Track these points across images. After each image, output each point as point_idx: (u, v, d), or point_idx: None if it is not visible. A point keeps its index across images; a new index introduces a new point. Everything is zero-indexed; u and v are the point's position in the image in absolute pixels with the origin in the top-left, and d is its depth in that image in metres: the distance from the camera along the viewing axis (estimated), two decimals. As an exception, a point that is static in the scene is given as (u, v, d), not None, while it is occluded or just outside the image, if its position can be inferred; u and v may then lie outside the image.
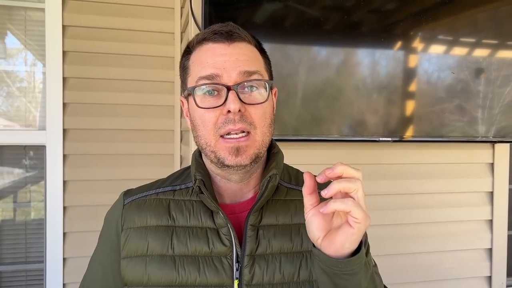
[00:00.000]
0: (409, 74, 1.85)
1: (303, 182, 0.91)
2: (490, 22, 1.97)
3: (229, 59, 0.79)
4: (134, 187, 0.93)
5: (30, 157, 2.23)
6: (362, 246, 0.70)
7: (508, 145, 2.14)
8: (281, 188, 0.89)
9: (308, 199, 0.71)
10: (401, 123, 1.86)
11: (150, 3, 2.19)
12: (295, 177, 0.93)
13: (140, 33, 2.19)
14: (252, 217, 0.81)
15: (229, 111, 0.77)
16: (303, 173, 0.95)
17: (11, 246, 2.21)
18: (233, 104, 0.76)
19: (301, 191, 0.88)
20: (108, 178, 2.15)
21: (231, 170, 0.82)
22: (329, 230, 0.69)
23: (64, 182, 2.11)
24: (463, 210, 2.10)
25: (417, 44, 1.85)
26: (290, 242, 0.83)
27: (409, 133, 1.86)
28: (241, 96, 0.78)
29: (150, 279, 0.80)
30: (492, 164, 2.13)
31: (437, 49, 1.88)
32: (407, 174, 2.03)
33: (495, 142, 2.03)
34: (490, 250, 2.14)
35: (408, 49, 1.85)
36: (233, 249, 0.81)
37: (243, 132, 0.78)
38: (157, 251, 0.82)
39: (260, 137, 0.80)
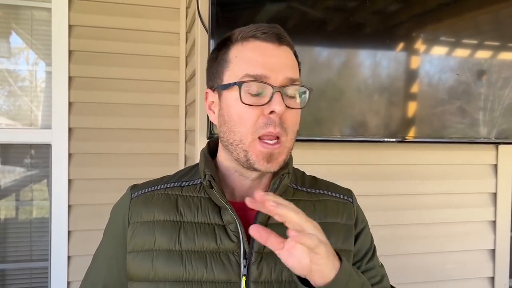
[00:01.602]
0: (413, 75, 1.86)
1: (308, 184, 0.94)
2: (493, 24, 1.97)
3: (278, 61, 0.80)
4: (140, 182, 0.93)
5: (36, 155, 2.24)
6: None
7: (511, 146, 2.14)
8: (288, 188, 0.90)
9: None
10: (404, 124, 1.86)
11: (155, 3, 2.20)
12: (301, 178, 0.95)
13: (145, 33, 2.20)
14: (261, 214, 0.82)
15: (272, 112, 0.77)
16: (308, 175, 0.98)
17: (16, 244, 2.22)
18: (278, 105, 0.77)
19: (307, 192, 0.92)
20: (113, 177, 2.17)
21: (255, 172, 0.83)
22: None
23: (69, 181, 2.13)
24: (466, 211, 2.10)
25: (422, 45, 1.85)
26: None
27: (412, 134, 1.86)
28: (284, 99, 0.78)
29: (156, 274, 0.80)
30: (495, 166, 2.13)
31: (441, 50, 1.88)
32: (410, 174, 2.03)
33: (499, 143, 2.03)
34: (493, 251, 2.14)
35: (413, 50, 1.85)
36: (240, 245, 0.81)
37: (277, 138, 0.79)
38: (164, 246, 0.81)
39: (290, 144, 0.82)
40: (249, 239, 0.81)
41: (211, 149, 0.92)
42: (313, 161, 1.88)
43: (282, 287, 0.81)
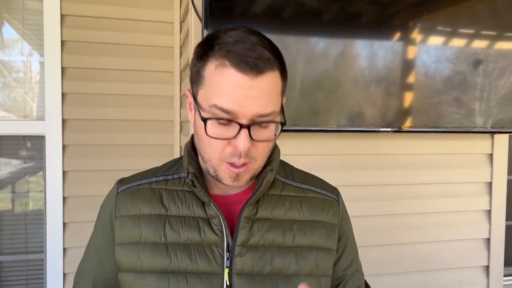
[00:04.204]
0: (409, 65, 1.85)
1: (298, 178, 0.95)
2: (490, 14, 1.96)
3: (249, 95, 0.74)
4: (127, 176, 0.94)
5: (30, 147, 2.23)
6: None
7: (507, 135, 2.14)
8: (277, 182, 0.90)
9: None
10: (400, 114, 1.85)
11: (149, -7, 2.18)
12: (290, 172, 0.95)
13: (139, 23, 2.17)
14: (247, 209, 0.83)
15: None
16: (297, 169, 0.99)
17: (11, 236, 2.21)
18: (243, 143, 0.75)
19: (296, 186, 0.92)
20: (108, 168, 2.15)
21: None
22: None
23: (64, 173, 2.12)
24: (461, 200, 2.11)
25: (418, 35, 1.84)
26: (282, 236, 0.86)
27: (408, 124, 1.86)
28: (252, 132, 0.76)
29: (143, 265, 0.83)
30: (491, 155, 2.13)
31: (437, 40, 1.87)
32: (406, 164, 2.03)
33: (495, 132, 2.03)
34: (488, 240, 2.15)
35: (409, 40, 1.84)
36: (224, 239, 0.82)
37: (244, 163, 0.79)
38: (150, 239, 0.83)
39: (259, 166, 0.82)
40: (233, 232, 0.83)
41: (195, 142, 0.91)
42: (310, 151, 1.88)
43: (263, 280, 0.83)
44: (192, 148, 0.89)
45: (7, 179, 2.23)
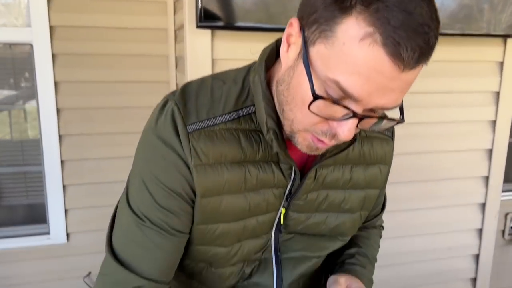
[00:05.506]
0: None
1: None
2: None
3: (387, 86, 0.59)
4: (183, 99, 0.76)
5: (18, 57, 2.12)
6: None
7: (520, 41, 2.02)
8: None
9: None
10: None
11: None
12: None
13: None
14: (318, 162, 0.81)
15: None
16: None
17: (7, 149, 2.19)
18: (347, 132, 0.63)
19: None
20: (101, 79, 2.07)
21: None
22: None
23: (56, 83, 2.03)
24: (466, 110, 2.05)
25: None
26: (341, 178, 0.86)
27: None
28: (361, 122, 0.64)
29: (222, 217, 0.80)
30: (501, 63, 2.03)
31: None
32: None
33: (508, 36, 1.91)
34: (491, 151, 2.13)
35: None
36: (290, 182, 0.82)
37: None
38: (232, 189, 0.78)
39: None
40: (301, 177, 0.82)
41: (278, 88, 0.73)
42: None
43: (314, 213, 0.87)
44: (267, 89, 0.74)
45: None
